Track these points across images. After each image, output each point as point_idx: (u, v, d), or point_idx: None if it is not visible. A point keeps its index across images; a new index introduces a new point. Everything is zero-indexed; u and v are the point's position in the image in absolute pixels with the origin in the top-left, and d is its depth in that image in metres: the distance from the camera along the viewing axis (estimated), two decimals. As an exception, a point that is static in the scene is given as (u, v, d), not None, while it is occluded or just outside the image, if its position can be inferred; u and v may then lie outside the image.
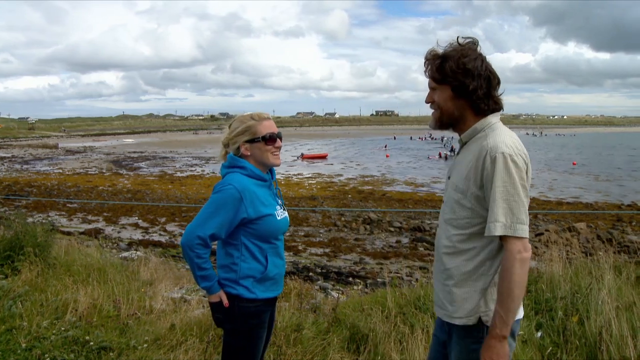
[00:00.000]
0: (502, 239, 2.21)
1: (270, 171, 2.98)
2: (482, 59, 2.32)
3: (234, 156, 2.88)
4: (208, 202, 2.74)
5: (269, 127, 2.88)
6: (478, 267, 2.33)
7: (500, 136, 2.27)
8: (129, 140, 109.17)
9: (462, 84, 2.31)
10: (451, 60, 2.32)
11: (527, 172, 2.25)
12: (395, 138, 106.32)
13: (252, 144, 2.85)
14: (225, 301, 2.80)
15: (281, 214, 2.89)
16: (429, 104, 2.47)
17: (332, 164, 50.72)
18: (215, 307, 2.86)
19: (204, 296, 6.66)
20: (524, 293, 2.27)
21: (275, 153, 2.90)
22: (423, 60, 2.45)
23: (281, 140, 2.94)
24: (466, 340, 2.39)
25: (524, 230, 2.19)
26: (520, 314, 2.42)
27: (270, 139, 2.87)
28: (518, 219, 2.18)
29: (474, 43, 2.36)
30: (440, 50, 2.38)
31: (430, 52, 2.41)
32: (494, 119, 2.36)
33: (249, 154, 2.86)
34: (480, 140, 2.31)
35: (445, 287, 2.45)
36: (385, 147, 75.43)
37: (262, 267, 2.81)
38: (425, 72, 2.44)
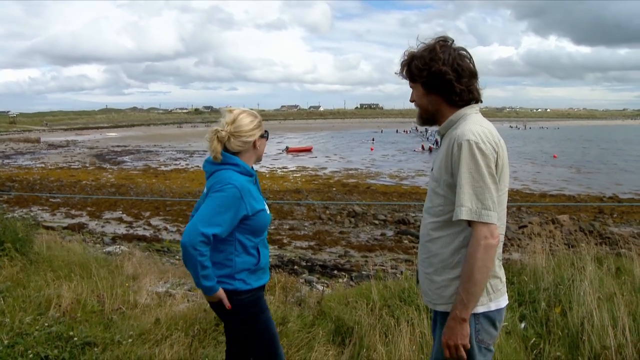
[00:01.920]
0: (470, 224, 2.26)
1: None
2: (450, 52, 2.36)
3: (225, 153, 2.87)
4: (211, 200, 2.75)
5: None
6: (454, 255, 2.38)
7: (468, 125, 2.32)
8: (113, 134, 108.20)
9: (429, 80, 2.39)
10: (417, 59, 2.40)
11: (497, 161, 2.28)
12: (382, 131, 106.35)
13: (261, 139, 2.97)
14: (227, 303, 2.84)
15: (268, 207, 2.99)
16: (413, 103, 2.55)
17: (316, 157, 50.67)
18: (215, 306, 2.92)
19: (189, 290, 6.64)
20: (487, 278, 2.30)
21: None
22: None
23: None
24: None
25: (490, 216, 2.22)
26: (502, 303, 2.46)
27: (267, 136, 3.03)
28: (484, 205, 2.21)
29: (444, 40, 2.41)
30: (413, 51, 2.45)
31: (404, 54, 2.49)
32: (469, 110, 2.41)
33: (258, 148, 2.96)
34: (452, 130, 2.37)
35: (426, 275, 2.51)
36: (373, 140, 75.39)
37: (255, 260, 2.90)
38: (402, 74, 2.52)
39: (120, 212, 22.53)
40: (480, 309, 2.37)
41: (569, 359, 3.95)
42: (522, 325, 4.41)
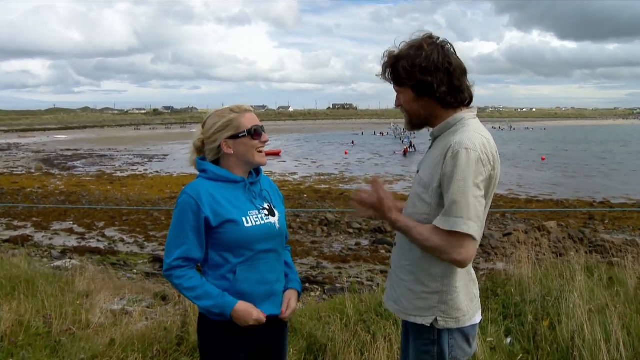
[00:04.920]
0: (452, 233, 2.24)
1: (256, 171, 2.81)
2: (439, 51, 2.34)
3: (199, 160, 2.71)
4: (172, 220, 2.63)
5: (252, 120, 2.71)
6: (436, 266, 2.38)
7: (467, 133, 2.30)
8: (62, 136, 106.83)
9: (420, 83, 2.35)
10: (404, 60, 2.36)
11: (492, 173, 2.29)
12: (363, 133, 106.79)
13: (235, 140, 2.65)
14: (258, 315, 2.59)
15: (258, 219, 2.65)
16: (399, 108, 2.51)
17: (285, 162, 50.62)
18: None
19: (148, 307, 6.56)
20: (422, 247, 2.34)
21: (260, 149, 2.71)
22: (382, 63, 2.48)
23: (266, 134, 2.77)
24: (417, 342, 2.47)
25: (477, 231, 2.23)
26: (477, 318, 2.49)
27: (256, 133, 2.68)
28: (474, 218, 2.21)
29: (430, 37, 2.39)
30: (396, 51, 2.41)
31: (385, 53, 2.44)
32: (467, 114, 2.40)
33: (232, 152, 2.66)
34: (449, 135, 2.35)
35: (404, 282, 2.50)
36: (353, 143, 75.43)
37: (227, 283, 2.59)
38: (385, 77, 2.48)
39: (71, 222, 22.25)
40: (454, 325, 2.39)
41: (559, 376, 3.99)
42: (508, 340, 4.44)
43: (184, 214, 2.54)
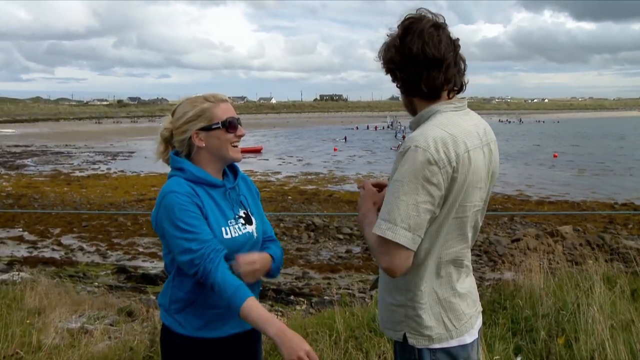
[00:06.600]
0: (382, 237, 2.22)
1: (234, 172, 2.83)
2: (411, 35, 2.30)
3: (173, 155, 2.68)
4: (165, 228, 2.53)
5: (228, 111, 2.69)
6: (399, 278, 2.34)
7: (428, 127, 2.26)
8: (9, 130, 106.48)
9: (387, 69, 2.40)
10: (385, 43, 2.40)
11: (453, 176, 2.21)
12: (357, 128, 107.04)
13: (208, 132, 2.64)
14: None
15: (236, 230, 2.67)
16: None
17: (267, 160, 50.63)
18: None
19: (111, 324, 6.52)
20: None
21: (235, 144, 2.70)
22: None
23: (242, 128, 2.75)
24: None
25: (408, 239, 2.17)
26: (468, 339, 2.45)
27: (231, 126, 2.66)
28: (405, 224, 2.16)
29: (410, 18, 2.35)
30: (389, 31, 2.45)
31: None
32: (444, 106, 2.35)
33: (203, 145, 2.65)
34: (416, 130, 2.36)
35: (380, 291, 2.54)
36: (345, 139, 75.52)
37: (194, 296, 2.61)
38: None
39: (20, 229, 22.13)
40: (437, 345, 2.37)
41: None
42: (518, 359, 4.45)
43: (184, 206, 2.49)
